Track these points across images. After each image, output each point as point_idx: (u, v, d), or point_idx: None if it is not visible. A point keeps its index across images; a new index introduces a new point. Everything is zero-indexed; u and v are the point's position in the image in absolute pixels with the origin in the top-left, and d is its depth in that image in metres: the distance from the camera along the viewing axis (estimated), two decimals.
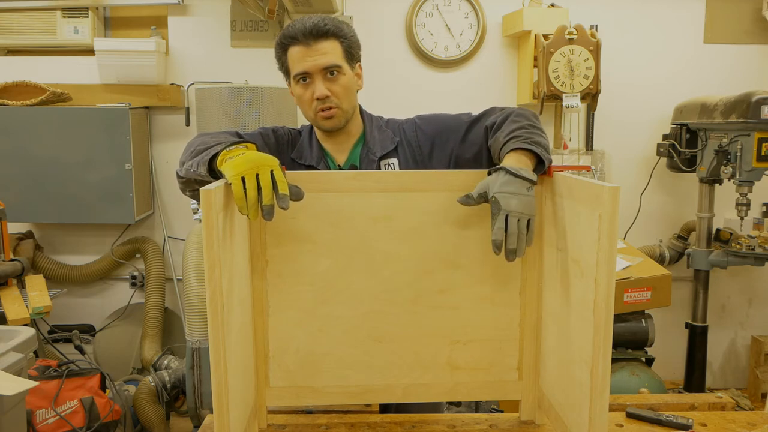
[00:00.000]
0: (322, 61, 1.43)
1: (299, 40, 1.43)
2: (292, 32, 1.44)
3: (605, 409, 1.01)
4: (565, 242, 1.14)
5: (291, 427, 1.35)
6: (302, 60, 1.44)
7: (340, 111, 1.47)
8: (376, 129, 1.55)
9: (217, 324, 0.97)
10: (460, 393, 1.33)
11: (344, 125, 1.51)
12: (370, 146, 1.52)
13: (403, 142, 1.53)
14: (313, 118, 1.50)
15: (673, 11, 3.37)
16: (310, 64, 1.43)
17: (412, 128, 1.54)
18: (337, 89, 1.46)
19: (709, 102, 2.95)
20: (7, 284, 2.71)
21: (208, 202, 0.94)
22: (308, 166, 1.52)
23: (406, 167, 1.51)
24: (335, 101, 1.46)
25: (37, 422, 2.27)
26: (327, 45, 1.44)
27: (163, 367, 3.08)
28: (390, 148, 1.52)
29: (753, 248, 3.00)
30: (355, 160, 1.54)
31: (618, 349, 2.86)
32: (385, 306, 1.28)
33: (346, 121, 1.51)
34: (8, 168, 3.11)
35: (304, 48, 1.43)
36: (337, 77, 1.46)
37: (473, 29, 3.32)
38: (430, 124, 1.53)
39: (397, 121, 1.59)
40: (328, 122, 1.48)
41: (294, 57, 1.45)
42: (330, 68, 1.44)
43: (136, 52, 3.18)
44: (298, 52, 1.44)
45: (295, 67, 1.46)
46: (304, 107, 1.50)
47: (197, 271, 2.76)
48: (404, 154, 1.52)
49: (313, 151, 1.54)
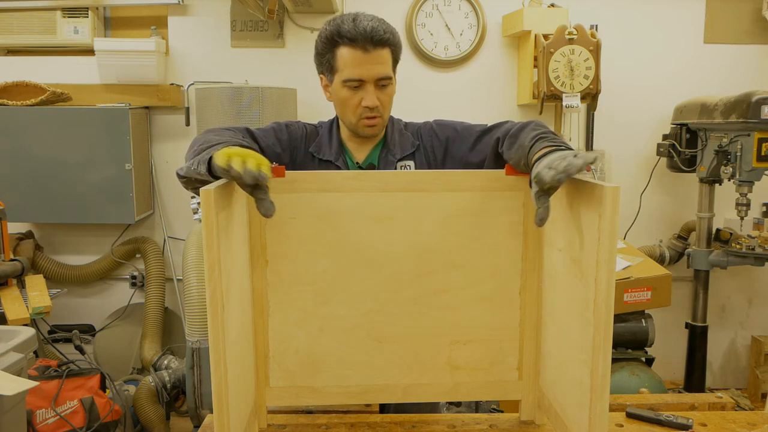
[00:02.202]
0: (379, 70, 1.42)
1: (357, 42, 1.39)
2: (349, 32, 1.39)
3: (605, 409, 1.01)
4: (565, 242, 1.14)
5: (291, 427, 1.35)
6: (358, 66, 1.40)
7: (382, 120, 1.48)
8: (397, 132, 1.56)
9: (217, 324, 0.97)
10: (460, 393, 1.33)
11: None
12: (390, 148, 1.53)
13: (421, 146, 1.54)
14: (354, 123, 1.48)
15: (673, 11, 3.37)
16: (367, 73, 1.41)
17: (429, 133, 1.55)
18: (385, 99, 1.46)
19: (709, 102, 2.95)
20: (7, 284, 2.71)
21: (208, 202, 0.94)
22: (326, 162, 1.51)
23: (420, 169, 1.51)
24: (380, 111, 1.46)
25: (37, 422, 2.27)
26: (383, 54, 1.42)
27: (163, 367, 3.08)
28: (410, 150, 1.53)
29: (753, 248, 3.00)
30: (374, 159, 1.54)
31: (618, 349, 2.86)
32: (385, 306, 1.28)
33: (383, 129, 1.52)
34: (8, 168, 3.11)
35: (362, 53, 1.40)
36: (386, 87, 1.45)
37: (473, 29, 3.32)
38: (445, 131, 1.54)
39: (415, 125, 1.59)
40: (370, 130, 1.48)
41: (347, 59, 1.41)
42: (384, 79, 1.43)
43: (136, 52, 3.18)
44: (354, 56, 1.40)
45: (347, 70, 1.42)
46: (347, 111, 1.47)
47: (197, 271, 2.76)
48: (420, 158, 1.53)
49: (332, 146, 1.53)
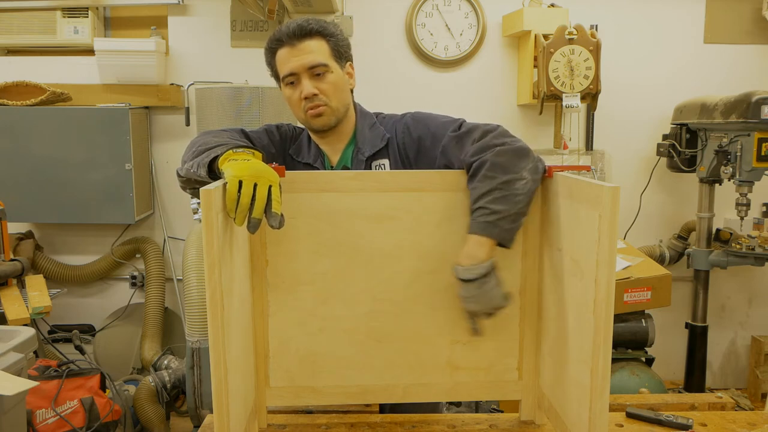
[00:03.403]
0: (308, 59, 1.42)
1: (284, 41, 1.43)
2: (277, 35, 1.44)
3: (605, 409, 1.01)
4: (565, 242, 1.14)
5: (291, 427, 1.35)
6: (288, 61, 1.43)
7: (329, 109, 1.45)
8: (368, 127, 1.52)
9: (217, 324, 0.97)
10: (460, 393, 1.33)
11: (335, 124, 1.48)
12: (360, 146, 1.50)
13: (393, 142, 1.50)
14: (304, 119, 1.48)
15: (673, 11, 3.37)
16: (296, 64, 1.42)
17: (403, 129, 1.50)
18: (325, 87, 1.44)
19: (709, 102, 2.95)
20: (7, 284, 2.70)
21: (208, 202, 0.94)
22: (306, 164, 1.51)
23: (395, 168, 1.48)
24: (323, 99, 1.44)
25: (37, 422, 2.27)
26: (312, 44, 1.43)
27: (163, 367, 3.08)
28: (380, 146, 1.49)
29: (753, 248, 3.00)
30: (347, 160, 1.52)
31: (618, 349, 2.86)
32: (385, 306, 1.28)
33: (337, 120, 1.48)
34: (8, 168, 3.11)
35: (290, 49, 1.43)
36: (324, 76, 1.44)
37: (473, 29, 3.32)
38: (418, 128, 1.48)
39: (392, 117, 1.55)
40: (317, 120, 1.46)
41: (281, 59, 1.45)
42: (316, 67, 1.42)
43: (136, 52, 3.18)
44: (284, 53, 1.44)
45: (282, 69, 1.45)
46: (295, 108, 1.48)
47: (197, 271, 2.76)
48: (394, 155, 1.49)
49: (311, 149, 1.53)
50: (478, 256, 1.19)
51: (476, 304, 1.21)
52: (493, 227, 1.18)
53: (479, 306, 1.21)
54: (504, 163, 1.22)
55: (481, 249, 1.19)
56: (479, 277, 1.18)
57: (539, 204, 1.26)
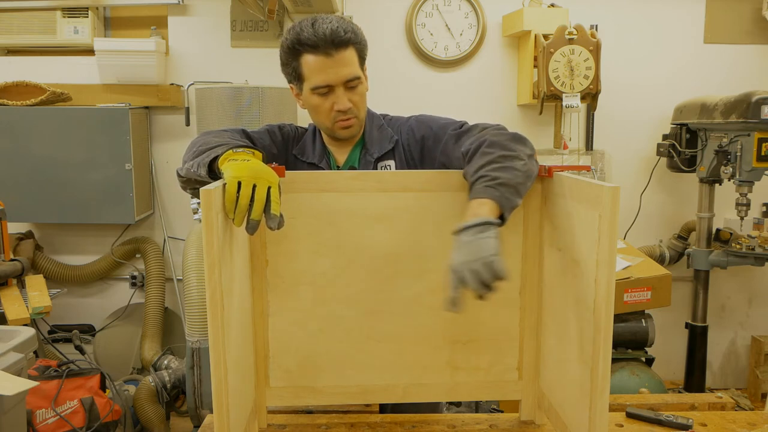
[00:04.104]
0: (346, 72, 1.39)
1: (319, 48, 1.36)
2: (309, 39, 1.35)
3: (605, 409, 1.01)
4: (565, 242, 1.14)
5: (291, 427, 1.35)
6: (324, 72, 1.38)
7: (357, 120, 1.46)
8: (376, 129, 1.53)
9: (217, 324, 0.97)
10: (460, 393, 1.33)
11: (358, 133, 1.50)
12: (368, 147, 1.51)
13: (400, 143, 1.51)
14: (330, 128, 1.46)
15: (673, 11, 3.37)
16: (333, 77, 1.38)
17: (408, 131, 1.51)
18: (357, 99, 1.43)
19: (709, 102, 2.95)
20: (7, 284, 2.70)
21: (208, 202, 0.94)
22: (310, 164, 1.51)
23: (400, 170, 1.48)
24: (355, 111, 1.44)
25: (37, 422, 2.27)
26: (347, 55, 1.39)
27: (163, 367, 3.08)
28: (388, 147, 1.50)
29: (753, 248, 3.00)
30: (354, 161, 1.52)
31: (618, 349, 2.86)
32: (385, 306, 1.28)
33: (361, 129, 1.50)
34: (8, 168, 3.11)
35: (325, 58, 1.36)
36: (357, 87, 1.43)
37: (473, 29, 3.32)
38: (421, 129, 1.49)
39: (399, 120, 1.56)
40: (346, 131, 1.46)
41: (312, 66, 1.38)
42: (352, 80, 1.41)
43: (136, 52, 3.18)
44: (318, 62, 1.37)
45: (314, 78, 1.39)
46: (321, 117, 1.45)
47: (197, 271, 2.76)
48: (400, 157, 1.50)
49: (316, 149, 1.53)
50: (480, 214, 1.10)
51: (466, 254, 1.04)
52: (495, 190, 1.12)
53: (467, 256, 1.04)
54: (502, 142, 1.22)
55: (482, 208, 1.11)
56: (479, 224, 1.07)
57: (539, 204, 1.26)
